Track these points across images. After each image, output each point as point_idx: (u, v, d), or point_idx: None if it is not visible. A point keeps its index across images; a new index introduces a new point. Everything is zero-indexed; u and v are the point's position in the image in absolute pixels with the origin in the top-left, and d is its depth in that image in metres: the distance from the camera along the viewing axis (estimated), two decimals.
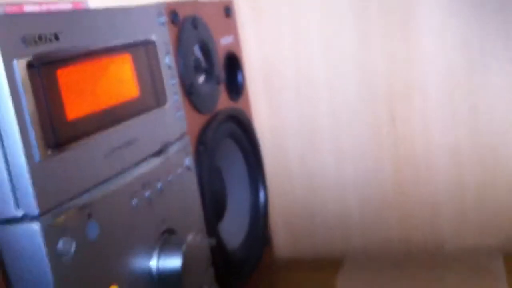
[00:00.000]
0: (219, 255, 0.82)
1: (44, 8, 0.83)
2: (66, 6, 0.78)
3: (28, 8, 0.80)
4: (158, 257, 0.62)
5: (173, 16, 0.80)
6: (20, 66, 0.48)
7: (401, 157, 1.02)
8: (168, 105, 0.70)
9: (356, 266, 0.96)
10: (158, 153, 0.67)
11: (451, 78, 0.98)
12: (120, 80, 0.62)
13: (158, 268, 0.62)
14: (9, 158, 0.48)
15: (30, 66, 0.49)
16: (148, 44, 0.67)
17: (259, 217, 0.96)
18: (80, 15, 0.57)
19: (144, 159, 0.64)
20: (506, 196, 0.98)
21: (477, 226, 1.00)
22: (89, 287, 0.53)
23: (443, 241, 1.01)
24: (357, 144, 1.03)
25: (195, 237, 0.66)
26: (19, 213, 0.49)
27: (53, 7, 0.81)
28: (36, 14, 0.52)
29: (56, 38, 0.53)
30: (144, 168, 0.63)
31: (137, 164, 0.63)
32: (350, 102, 1.02)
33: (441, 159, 1.00)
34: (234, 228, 0.92)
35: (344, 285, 0.90)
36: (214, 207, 0.84)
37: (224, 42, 0.95)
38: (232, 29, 1.00)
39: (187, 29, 0.82)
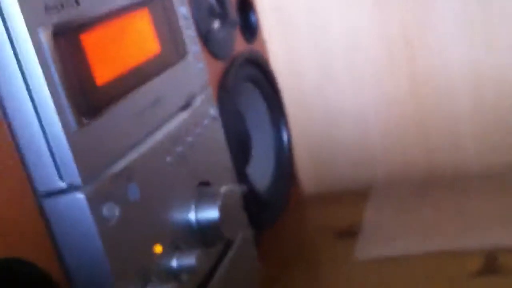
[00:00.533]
0: (250, 198, 0.83)
1: None
2: None
3: None
4: (196, 211, 0.63)
5: None
6: (45, 35, 0.48)
7: (418, 79, 1.01)
8: (189, 57, 0.69)
9: (381, 196, 0.98)
10: (185, 107, 0.67)
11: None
12: (141, 37, 0.61)
13: (197, 221, 0.63)
14: (47, 130, 0.48)
15: (55, 34, 0.48)
16: None
17: (284, 157, 0.97)
18: None
19: (172, 115, 0.64)
20: None
21: (498, 145, 1.00)
22: (135, 247, 0.55)
23: (464, 162, 1.02)
24: (374, 69, 1.02)
25: (228, 187, 0.67)
26: (63, 184, 0.49)
27: None
28: None
29: (77, 3, 0.52)
30: (173, 124, 0.63)
31: (166, 121, 0.63)
32: (363, 26, 1.00)
33: (460, 77, 0.99)
34: (261, 171, 0.93)
35: (370, 217, 0.91)
36: (240, 152, 0.84)
37: None
38: None
39: None
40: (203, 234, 0.63)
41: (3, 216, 0.46)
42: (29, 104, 0.48)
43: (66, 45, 0.50)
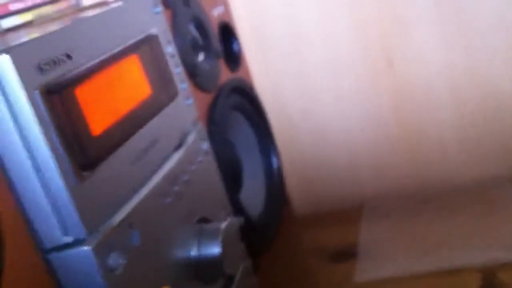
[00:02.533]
0: (245, 227, 0.84)
1: (29, 4, 0.81)
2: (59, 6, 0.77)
3: (14, 7, 0.79)
4: (198, 248, 0.64)
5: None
6: (41, 94, 0.48)
7: (401, 94, 1.03)
8: (179, 96, 0.70)
9: (374, 215, 0.99)
10: (179, 146, 0.68)
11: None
12: (132, 83, 0.62)
13: (199, 258, 0.64)
14: (48, 187, 0.49)
15: (49, 92, 0.49)
16: (151, 39, 0.67)
17: (274, 181, 0.98)
18: (83, 26, 0.57)
19: (167, 156, 0.65)
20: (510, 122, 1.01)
21: (486, 158, 1.02)
22: None
23: (454, 176, 1.04)
24: (356, 88, 1.04)
25: (227, 221, 0.68)
26: (69, 239, 0.50)
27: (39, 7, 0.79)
28: (43, 37, 0.51)
29: (69, 57, 0.53)
30: (169, 164, 0.64)
31: (162, 162, 0.63)
32: (344, 49, 1.02)
33: (441, 90, 1.02)
34: (253, 197, 0.94)
35: (366, 237, 0.93)
36: (233, 180, 0.85)
37: (215, 12, 0.94)
38: None
39: (179, 9, 0.81)
40: (205, 272, 0.64)
41: (11, 278, 0.46)
42: (29, 163, 0.48)
43: (61, 101, 0.50)
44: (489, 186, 0.98)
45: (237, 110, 0.93)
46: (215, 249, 0.64)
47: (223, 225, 0.66)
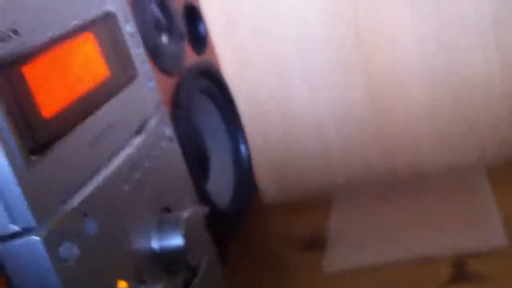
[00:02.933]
0: (213, 216, 0.81)
1: None
2: None
3: None
4: (159, 239, 0.61)
5: None
6: None
7: (373, 81, 1.01)
8: (139, 78, 0.66)
9: (344, 203, 0.97)
10: (139, 131, 0.64)
11: None
12: (88, 63, 0.58)
13: (160, 250, 0.61)
14: None
15: None
16: (108, 17, 0.63)
17: (243, 169, 0.95)
18: (33, 0, 0.53)
19: (126, 141, 0.61)
20: (482, 109, 0.99)
21: (457, 143, 1.01)
22: (98, 284, 0.52)
23: (424, 163, 1.02)
24: (327, 73, 1.01)
25: (190, 210, 0.65)
26: (16, 228, 0.46)
27: None
28: None
29: (15, 33, 0.49)
30: (128, 150, 0.61)
31: (121, 148, 0.60)
32: (314, 28, 0.99)
33: (413, 77, 0.99)
34: (221, 184, 0.91)
35: (335, 226, 0.91)
36: (199, 169, 0.82)
37: None
38: None
39: None
40: (167, 263, 0.61)
41: None
42: None
43: (8, 80, 0.47)
44: (460, 173, 0.97)
45: (203, 95, 0.90)
46: (177, 240, 0.61)
47: (186, 214, 0.63)
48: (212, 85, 0.91)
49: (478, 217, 0.82)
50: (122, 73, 0.63)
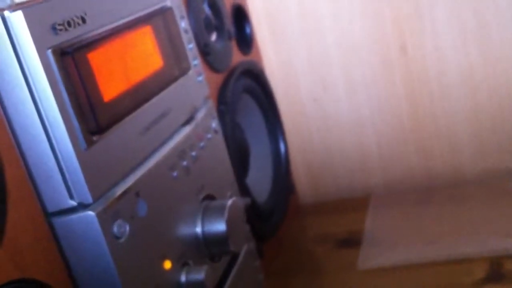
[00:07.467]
0: (251, 209, 0.84)
1: None
2: None
3: None
4: (203, 225, 0.63)
5: None
6: (54, 55, 0.48)
7: (413, 85, 1.02)
8: (191, 71, 0.69)
9: (381, 204, 0.98)
10: (188, 121, 0.67)
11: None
12: (145, 53, 0.61)
13: (204, 235, 0.63)
14: (57, 150, 0.48)
15: (63, 53, 0.49)
16: (165, 11, 0.66)
17: (281, 167, 0.97)
18: None
19: (177, 130, 0.64)
20: None
21: (495, 151, 1.01)
22: (145, 264, 0.54)
23: (463, 167, 1.03)
24: (369, 76, 1.03)
25: (233, 200, 0.67)
26: (74, 203, 0.49)
27: None
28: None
29: (83, 21, 0.52)
30: (178, 138, 0.63)
31: (171, 135, 0.63)
32: (358, 35, 1.01)
33: (455, 83, 1.00)
34: (259, 181, 0.93)
35: (371, 225, 0.92)
36: (240, 163, 0.85)
37: None
38: None
39: None
40: (209, 248, 0.63)
41: (13, 237, 0.45)
42: (39, 124, 0.48)
43: (74, 64, 0.50)
44: (498, 177, 0.97)
45: (247, 93, 0.92)
46: (220, 226, 0.63)
47: (230, 202, 0.65)
48: (256, 85, 0.94)
49: None
50: (175, 65, 0.66)
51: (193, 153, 0.65)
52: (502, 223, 0.83)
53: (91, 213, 0.49)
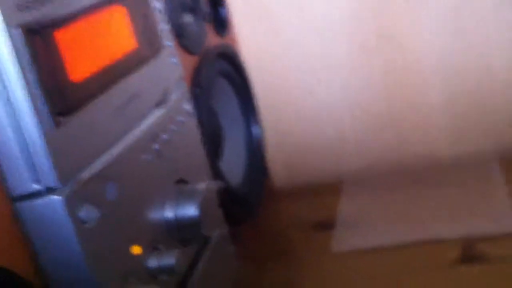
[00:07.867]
0: (224, 194, 0.83)
1: None
2: None
3: None
4: (175, 209, 0.62)
5: None
6: (19, 33, 0.46)
7: (390, 71, 1.01)
8: (164, 52, 0.67)
9: (355, 189, 0.98)
10: (160, 103, 0.65)
11: None
12: (117, 34, 0.59)
13: (176, 219, 0.62)
14: (23, 130, 0.46)
15: (29, 32, 0.47)
16: None
17: (256, 151, 0.96)
18: None
19: (148, 112, 0.63)
20: (499, 98, 0.99)
21: (471, 134, 1.01)
22: (114, 249, 0.53)
23: (438, 152, 1.03)
24: (346, 61, 1.02)
25: (206, 184, 0.66)
26: (39, 187, 0.47)
27: None
28: None
29: None
30: (149, 121, 0.62)
31: (143, 117, 0.61)
32: (337, 17, 1.00)
33: (431, 69, 1.00)
34: (233, 165, 0.92)
35: (345, 209, 0.92)
36: (213, 147, 0.84)
37: None
38: None
39: None
40: (181, 233, 0.62)
41: None
42: (4, 104, 0.46)
43: (40, 43, 0.48)
44: (473, 161, 0.98)
45: (222, 77, 0.91)
46: (192, 211, 0.62)
47: (202, 186, 0.64)
48: (231, 68, 0.92)
49: (489, 204, 0.83)
50: (148, 46, 0.64)
51: (165, 136, 0.64)
52: (475, 206, 0.83)
53: (57, 197, 0.48)
